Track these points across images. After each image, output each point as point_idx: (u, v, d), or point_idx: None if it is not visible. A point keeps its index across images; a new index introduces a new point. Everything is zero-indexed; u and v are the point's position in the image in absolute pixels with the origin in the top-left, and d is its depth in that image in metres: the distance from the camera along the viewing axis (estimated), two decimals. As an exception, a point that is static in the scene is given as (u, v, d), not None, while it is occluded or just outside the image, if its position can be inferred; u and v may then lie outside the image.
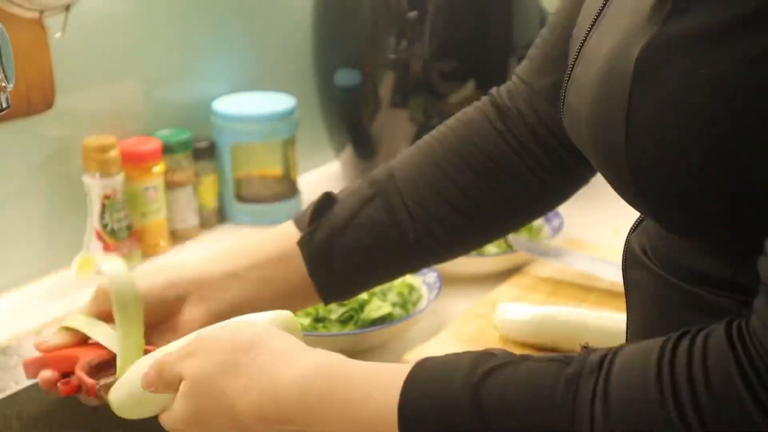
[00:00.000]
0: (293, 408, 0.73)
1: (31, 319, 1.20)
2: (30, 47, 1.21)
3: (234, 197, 1.46)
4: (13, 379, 1.08)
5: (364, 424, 0.70)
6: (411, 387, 0.69)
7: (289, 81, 1.56)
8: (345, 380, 0.72)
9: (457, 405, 0.67)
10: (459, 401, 0.67)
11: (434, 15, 1.38)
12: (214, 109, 1.44)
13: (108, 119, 1.35)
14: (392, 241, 0.94)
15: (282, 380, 0.73)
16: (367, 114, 1.47)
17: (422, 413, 0.68)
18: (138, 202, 1.34)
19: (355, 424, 0.71)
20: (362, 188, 0.95)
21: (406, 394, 0.69)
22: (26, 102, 1.22)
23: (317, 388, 0.72)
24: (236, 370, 0.75)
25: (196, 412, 0.77)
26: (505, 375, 0.67)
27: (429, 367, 0.70)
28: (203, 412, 0.77)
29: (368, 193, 0.95)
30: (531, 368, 0.67)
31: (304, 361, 0.74)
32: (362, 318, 1.10)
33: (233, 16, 1.50)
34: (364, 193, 0.95)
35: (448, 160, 0.95)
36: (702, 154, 0.64)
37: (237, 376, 0.75)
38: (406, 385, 0.69)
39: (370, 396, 0.70)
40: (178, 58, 1.44)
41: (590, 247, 1.33)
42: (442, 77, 1.41)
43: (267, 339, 0.77)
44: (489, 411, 0.66)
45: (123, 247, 1.30)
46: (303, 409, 0.72)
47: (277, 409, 0.73)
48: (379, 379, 0.71)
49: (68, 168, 1.31)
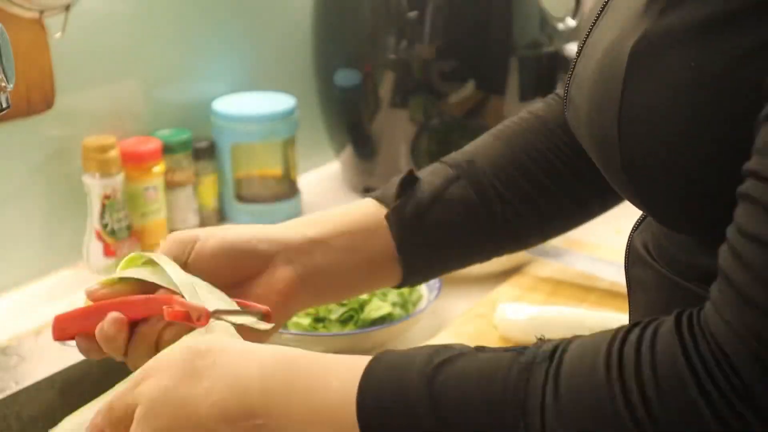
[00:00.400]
0: (257, 401, 0.71)
1: (31, 319, 1.20)
2: (30, 47, 1.21)
3: (234, 197, 1.46)
4: (13, 379, 1.08)
5: (325, 413, 0.70)
6: (370, 376, 0.69)
7: (289, 81, 1.56)
8: (306, 370, 0.72)
9: (412, 394, 0.67)
10: (414, 390, 0.67)
11: (434, 15, 1.38)
12: (214, 109, 1.44)
13: (108, 119, 1.35)
14: (481, 220, 0.92)
15: (244, 375, 0.72)
16: (367, 114, 1.47)
17: (379, 401, 0.68)
18: (138, 202, 1.34)
19: (316, 413, 0.70)
20: (443, 169, 0.93)
21: (364, 382, 0.69)
22: (26, 102, 1.22)
23: (279, 378, 0.72)
24: (196, 374, 0.73)
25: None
26: (461, 365, 0.68)
27: (388, 358, 0.70)
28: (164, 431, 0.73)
29: (452, 173, 0.92)
30: (486, 359, 0.68)
31: (264, 354, 0.74)
32: (362, 318, 1.10)
33: (233, 16, 1.50)
34: (447, 172, 0.92)
35: (530, 144, 0.93)
36: (693, 148, 0.65)
37: (198, 380, 0.72)
38: (365, 374, 0.69)
39: (330, 384, 0.70)
40: (178, 58, 1.44)
41: (590, 247, 1.33)
42: (442, 77, 1.41)
43: (223, 342, 0.76)
44: (442, 400, 0.67)
45: (123, 247, 1.30)
46: (266, 401, 0.71)
47: (241, 404, 0.72)
48: (340, 369, 0.71)
49: (68, 168, 1.31)
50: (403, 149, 1.46)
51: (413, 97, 1.43)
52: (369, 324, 1.10)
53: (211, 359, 0.73)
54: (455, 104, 1.42)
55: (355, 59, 1.46)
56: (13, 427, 1.07)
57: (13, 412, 1.06)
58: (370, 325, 1.10)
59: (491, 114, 1.42)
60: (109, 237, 1.30)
